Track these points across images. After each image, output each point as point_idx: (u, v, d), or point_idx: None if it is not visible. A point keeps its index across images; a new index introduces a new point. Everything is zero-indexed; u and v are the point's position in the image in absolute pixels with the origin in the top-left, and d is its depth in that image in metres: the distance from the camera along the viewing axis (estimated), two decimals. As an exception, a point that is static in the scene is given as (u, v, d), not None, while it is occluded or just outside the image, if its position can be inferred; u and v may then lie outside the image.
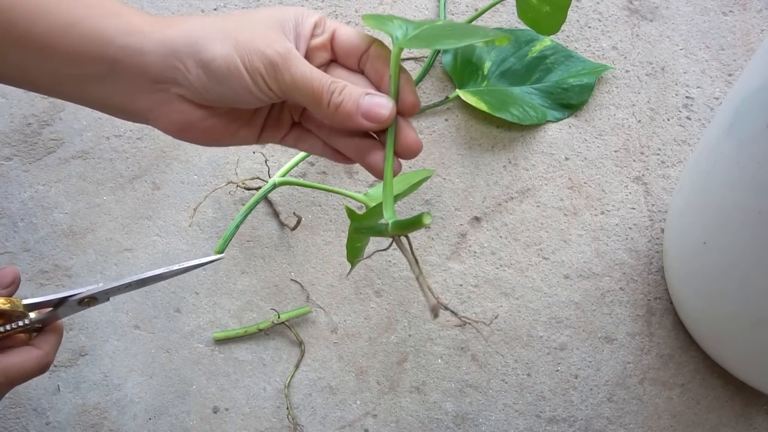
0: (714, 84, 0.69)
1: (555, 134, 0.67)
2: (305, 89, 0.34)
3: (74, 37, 0.34)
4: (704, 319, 0.55)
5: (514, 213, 0.64)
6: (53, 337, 0.44)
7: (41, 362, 0.42)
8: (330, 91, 0.35)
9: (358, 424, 0.58)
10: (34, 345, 0.43)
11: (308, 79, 0.34)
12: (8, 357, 0.40)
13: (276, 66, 0.34)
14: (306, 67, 0.34)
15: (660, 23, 0.72)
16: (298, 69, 0.34)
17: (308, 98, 0.35)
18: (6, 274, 0.42)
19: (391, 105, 0.35)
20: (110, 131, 0.67)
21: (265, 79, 0.34)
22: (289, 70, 0.34)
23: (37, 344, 0.43)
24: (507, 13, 0.72)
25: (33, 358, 0.42)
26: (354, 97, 0.35)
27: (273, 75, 0.34)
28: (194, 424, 0.58)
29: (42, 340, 0.44)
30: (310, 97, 0.35)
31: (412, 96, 0.36)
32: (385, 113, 0.35)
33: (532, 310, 0.61)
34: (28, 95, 0.68)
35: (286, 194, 0.65)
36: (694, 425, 0.58)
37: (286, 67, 0.34)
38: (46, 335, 0.44)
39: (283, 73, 0.34)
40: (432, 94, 0.68)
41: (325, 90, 0.35)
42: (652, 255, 0.63)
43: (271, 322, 0.59)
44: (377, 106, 0.35)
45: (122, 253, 0.63)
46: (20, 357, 0.41)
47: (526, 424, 0.58)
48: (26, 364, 0.41)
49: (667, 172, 0.66)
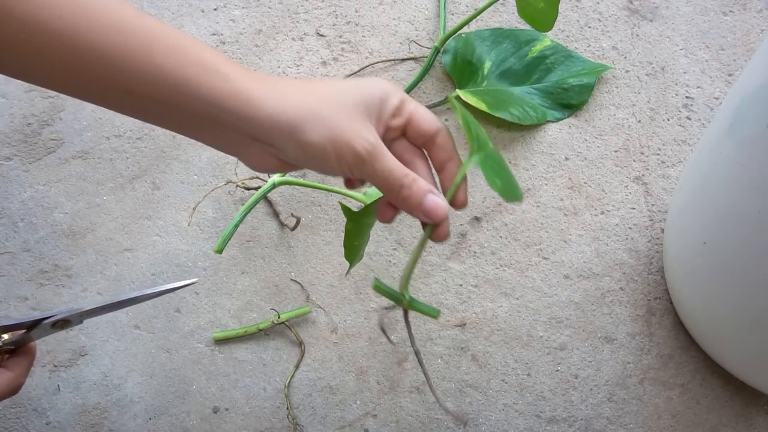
0: (714, 84, 0.69)
1: (555, 134, 0.67)
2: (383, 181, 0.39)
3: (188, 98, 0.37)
4: (704, 319, 0.55)
5: (514, 213, 0.64)
6: (25, 359, 0.45)
7: (12, 384, 0.43)
8: (402, 185, 0.39)
9: (358, 424, 0.58)
10: (5, 367, 0.44)
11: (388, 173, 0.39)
12: None
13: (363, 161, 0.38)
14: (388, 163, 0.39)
15: (660, 23, 0.72)
16: (382, 164, 0.39)
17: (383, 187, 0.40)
18: None
19: (446, 209, 0.40)
20: (110, 131, 0.67)
21: (351, 167, 0.39)
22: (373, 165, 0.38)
23: (9, 366, 0.44)
24: (507, 12, 0.72)
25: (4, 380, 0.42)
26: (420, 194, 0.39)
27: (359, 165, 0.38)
28: (194, 424, 0.58)
29: (14, 362, 0.44)
30: (386, 187, 0.40)
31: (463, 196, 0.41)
32: (440, 215, 0.40)
33: (532, 310, 0.61)
34: (28, 95, 0.68)
35: (286, 194, 0.65)
36: (694, 425, 0.58)
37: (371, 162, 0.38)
38: (19, 357, 0.45)
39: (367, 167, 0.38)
40: (432, 94, 0.68)
41: (398, 183, 0.39)
42: (652, 255, 0.63)
43: (271, 322, 0.59)
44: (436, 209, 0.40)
45: (122, 253, 0.63)
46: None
47: (526, 424, 0.58)
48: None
49: (667, 172, 0.66)
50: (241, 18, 0.72)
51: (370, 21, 0.72)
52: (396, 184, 0.39)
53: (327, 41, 0.71)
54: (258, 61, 0.70)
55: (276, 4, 0.73)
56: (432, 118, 0.41)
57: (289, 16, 0.72)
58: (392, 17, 0.72)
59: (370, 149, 0.38)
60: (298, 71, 0.70)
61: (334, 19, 0.72)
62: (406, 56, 0.70)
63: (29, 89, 0.68)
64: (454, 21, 0.72)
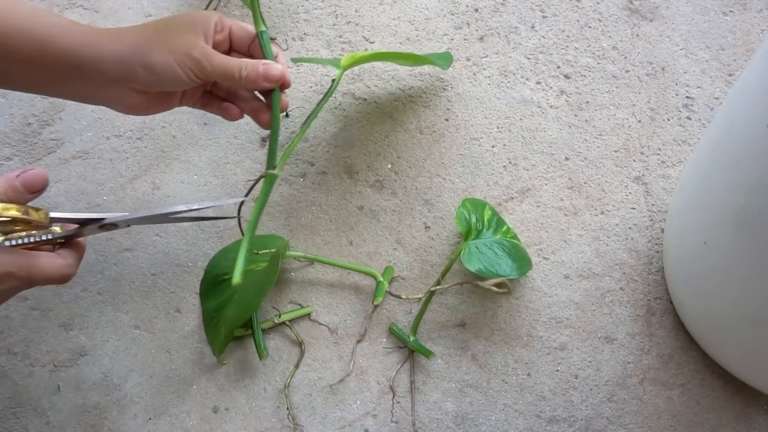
0: (714, 84, 0.69)
1: (555, 134, 0.67)
2: (223, 73, 0.50)
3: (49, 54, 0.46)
4: (704, 319, 0.55)
5: (514, 213, 0.64)
6: (76, 251, 0.49)
7: (64, 271, 0.47)
8: (239, 68, 0.50)
9: (358, 424, 0.58)
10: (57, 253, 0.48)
11: (223, 66, 0.49)
12: (36, 258, 0.46)
13: (200, 62, 0.48)
14: (220, 58, 0.49)
15: (660, 23, 0.72)
16: (216, 60, 0.49)
17: (226, 77, 0.50)
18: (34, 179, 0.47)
19: (281, 68, 0.51)
20: (110, 131, 0.67)
21: (194, 71, 0.49)
22: (211, 63, 0.49)
23: (61, 255, 0.48)
24: (507, 13, 0.72)
25: (57, 264, 0.47)
26: (256, 66, 0.50)
27: (199, 68, 0.49)
28: (194, 424, 0.58)
29: (66, 252, 0.48)
30: (227, 77, 0.50)
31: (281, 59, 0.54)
32: (278, 73, 0.51)
33: (532, 310, 0.61)
34: (28, 95, 0.68)
35: (285, 194, 0.65)
36: (694, 425, 0.58)
37: (209, 61, 0.49)
38: (70, 249, 0.49)
39: (206, 65, 0.49)
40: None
41: (235, 69, 0.50)
42: (652, 255, 0.63)
43: (272, 322, 0.59)
44: (272, 69, 0.51)
45: (122, 253, 0.63)
46: (46, 260, 0.46)
47: (526, 424, 0.58)
48: (50, 268, 0.46)
49: (667, 172, 0.66)
50: (241, 18, 0.72)
51: (370, 21, 0.72)
52: (235, 70, 0.50)
53: (327, 41, 0.71)
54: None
55: (276, 4, 0.73)
56: (247, 26, 0.53)
57: (289, 16, 0.72)
58: (392, 17, 0.72)
59: (202, 52, 0.48)
60: (298, 71, 0.70)
61: (334, 19, 0.72)
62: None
63: (29, 89, 0.68)
64: (454, 21, 0.71)
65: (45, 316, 0.61)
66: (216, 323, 0.57)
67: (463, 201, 0.60)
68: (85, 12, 0.73)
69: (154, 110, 0.53)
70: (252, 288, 0.55)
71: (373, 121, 0.68)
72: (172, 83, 0.49)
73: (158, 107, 0.53)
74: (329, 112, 0.68)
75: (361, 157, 0.66)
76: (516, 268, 0.56)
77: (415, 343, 0.58)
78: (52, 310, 0.61)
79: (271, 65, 0.51)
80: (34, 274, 0.45)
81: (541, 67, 0.70)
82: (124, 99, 0.50)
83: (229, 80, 0.50)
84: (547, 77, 0.69)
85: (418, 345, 0.59)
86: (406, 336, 0.59)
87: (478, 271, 0.54)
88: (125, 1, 0.73)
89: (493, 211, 0.61)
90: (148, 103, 0.51)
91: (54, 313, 0.61)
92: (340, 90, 0.69)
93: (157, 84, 0.49)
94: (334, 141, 0.67)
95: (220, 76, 0.50)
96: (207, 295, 0.59)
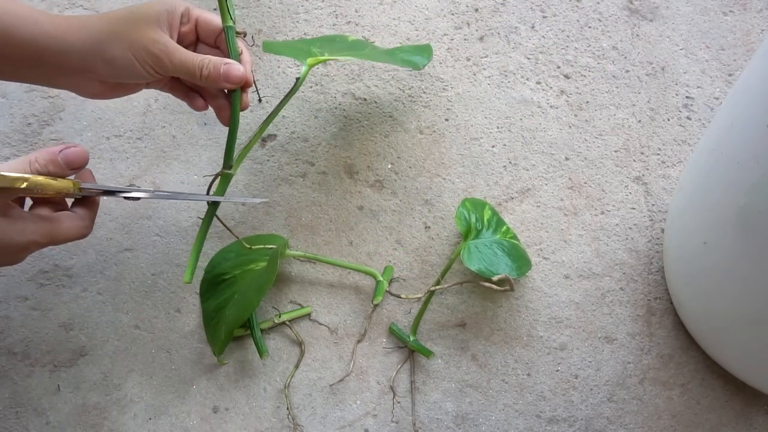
0: (714, 84, 0.69)
1: (555, 134, 0.67)
2: (183, 69, 0.49)
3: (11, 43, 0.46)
4: (704, 319, 0.55)
5: (514, 213, 0.64)
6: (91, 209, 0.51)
7: (82, 231, 0.49)
8: (200, 66, 0.49)
9: (358, 424, 0.58)
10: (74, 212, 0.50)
11: (184, 62, 0.48)
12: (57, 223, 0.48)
13: (159, 58, 0.48)
14: (181, 54, 0.48)
15: (660, 23, 0.72)
16: (176, 57, 0.48)
17: (186, 74, 0.49)
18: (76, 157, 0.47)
19: (242, 69, 0.51)
20: (110, 131, 0.67)
21: (153, 67, 0.48)
22: (171, 59, 0.48)
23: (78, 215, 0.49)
24: (507, 13, 0.72)
25: (75, 226, 0.49)
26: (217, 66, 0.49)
27: (159, 64, 0.48)
28: (194, 424, 0.58)
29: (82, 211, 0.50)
30: (188, 74, 0.49)
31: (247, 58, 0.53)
32: (238, 74, 0.50)
33: (532, 310, 0.61)
34: (28, 95, 0.68)
35: (285, 194, 0.65)
36: (694, 425, 0.58)
37: (168, 58, 0.48)
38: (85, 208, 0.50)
39: (165, 62, 0.48)
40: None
41: (197, 67, 0.49)
42: (652, 255, 0.63)
43: (272, 322, 0.59)
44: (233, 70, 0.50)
45: (122, 253, 0.63)
46: (65, 224, 0.48)
47: (526, 424, 0.58)
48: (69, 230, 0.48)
49: (667, 172, 0.66)
50: (241, 18, 0.72)
51: (370, 21, 0.72)
52: (196, 68, 0.49)
53: (327, 41, 0.71)
54: (258, 60, 0.70)
55: (276, 4, 0.73)
56: (216, 18, 0.52)
57: (289, 16, 0.72)
58: (392, 17, 0.72)
59: (162, 48, 0.48)
60: (298, 71, 0.70)
61: (334, 19, 0.72)
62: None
63: (29, 89, 0.68)
64: (454, 21, 0.72)
65: (45, 316, 0.61)
66: (216, 323, 0.57)
67: (462, 201, 0.60)
68: (85, 12, 0.73)
69: (118, 95, 0.53)
70: (251, 287, 0.55)
71: (373, 121, 0.68)
72: (131, 77, 0.49)
73: (122, 93, 0.53)
74: (329, 112, 0.68)
75: (361, 157, 0.66)
76: (515, 268, 0.56)
77: (415, 343, 0.59)
78: (52, 310, 0.61)
79: (232, 66, 0.50)
80: (56, 238, 0.47)
81: (541, 67, 0.70)
82: (86, 87, 0.50)
83: (189, 77, 0.50)
84: (547, 77, 0.69)
85: (418, 345, 0.59)
86: (406, 336, 0.59)
87: (478, 270, 0.54)
88: (125, 1, 0.73)
89: (493, 211, 0.61)
90: (110, 90, 0.51)
91: (54, 313, 0.61)
92: (340, 90, 0.69)
93: (116, 77, 0.49)
94: (334, 141, 0.67)
95: (181, 73, 0.49)
96: (207, 295, 0.59)
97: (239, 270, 0.58)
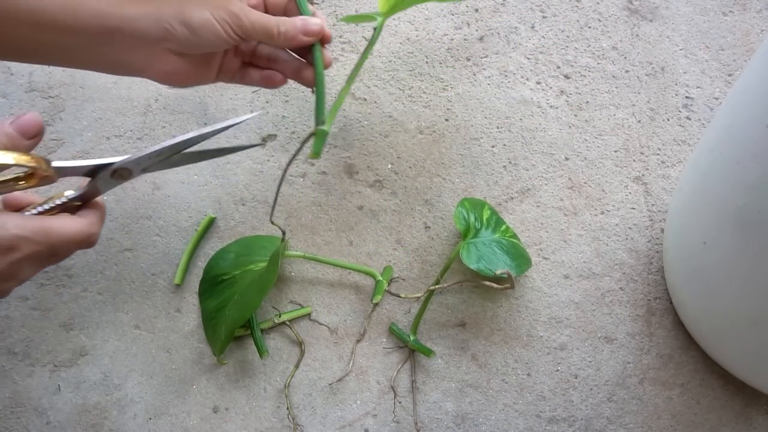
0: (714, 84, 0.69)
1: (555, 134, 0.67)
2: (260, 29, 0.49)
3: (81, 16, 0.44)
4: (704, 319, 0.55)
5: (514, 213, 0.64)
6: (95, 211, 0.47)
7: (85, 229, 0.44)
8: (276, 25, 0.49)
9: (358, 424, 0.58)
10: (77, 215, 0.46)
11: (260, 22, 0.49)
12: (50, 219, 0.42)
13: (238, 16, 0.48)
14: (257, 14, 0.49)
15: (660, 23, 0.72)
16: (253, 15, 0.49)
17: (263, 34, 0.49)
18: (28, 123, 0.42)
19: (320, 21, 0.51)
20: (110, 131, 0.67)
21: (231, 26, 0.48)
22: (249, 18, 0.48)
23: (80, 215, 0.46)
24: (507, 13, 0.72)
25: (76, 223, 0.44)
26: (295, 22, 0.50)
27: (237, 22, 0.48)
28: (194, 424, 0.58)
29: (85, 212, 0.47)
30: (265, 33, 0.49)
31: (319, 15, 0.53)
32: (317, 27, 0.50)
33: (532, 310, 0.61)
34: (28, 95, 0.68)
35: (285, 194, 0.65)
36: (694, 425, 0.58)
37: (246, 17, 0.48)
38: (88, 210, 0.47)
39: (243, 20, 0.48)
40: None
41: (274, 24, 0.49)
42: (652, 255, 0.63)
43: (272, 322, 0.59)
44: (311, 23, 0.50)
45: (122, 253, 0.63)
46: (62, 221, 0.43)
47: (526, 424, 0.58)
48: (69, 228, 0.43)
49: (667, 172, 0.66)
50: None
51: (370, 21, 0.72)
52: (273, 26, 0.49)
53: (327, 41, 0.71)
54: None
55: (276, 4, 0.73)
56: None
57: (289, 16, 0.72)
58: (392, 17, 0.72)
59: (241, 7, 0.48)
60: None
61: (335, 19, 0.72)
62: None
63: (29, 89, 0.68)
64: (454, 21, 0.72)
65: (45, 316, 0.61)
66: (216, 323, 0.57)
67: (461, 200, 0.60)
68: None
69: (192, 79, 0.51)
70: (252, 288, 0.55)
71: (373, 121, 0.68)
72: (211, 41, 0.48)
73: (196, 76, 0.51)
74: (329, 112, 0.68)
75: (361, 157, 0.66)
76: (515, 266, 0.57)
77: (415, 343, 0.59)
78: (52, 310, 0.61)
79: (309, 19, 0.50)
80: (52, 236, 0.42)
81: (541, 67, 0.70)
82: (160, 63, 0.48)
83: (266, 37, 0.49)
84: (547, 77, 0.69)
85: (418, 344, 0.59)
86: (406, 336, 0.59)
87: (477, 268, 0.54)
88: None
89: (492, 211, 0.61)
90: (185, 68, 0.49)
91: (54, 313, 0.61)
92: (340, 90, 0.69)
93: (196, 42, 0.47)
94: (334, 141, 0.67)
95: (258, 32, 0.49)
96: (206, 295, 0.59)
97: (239, 270, 0.58)
